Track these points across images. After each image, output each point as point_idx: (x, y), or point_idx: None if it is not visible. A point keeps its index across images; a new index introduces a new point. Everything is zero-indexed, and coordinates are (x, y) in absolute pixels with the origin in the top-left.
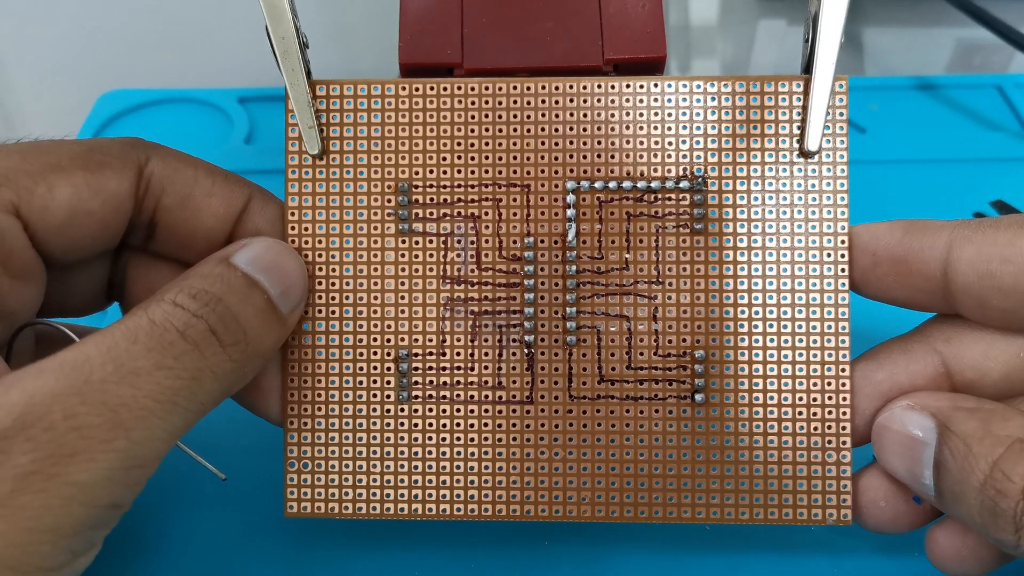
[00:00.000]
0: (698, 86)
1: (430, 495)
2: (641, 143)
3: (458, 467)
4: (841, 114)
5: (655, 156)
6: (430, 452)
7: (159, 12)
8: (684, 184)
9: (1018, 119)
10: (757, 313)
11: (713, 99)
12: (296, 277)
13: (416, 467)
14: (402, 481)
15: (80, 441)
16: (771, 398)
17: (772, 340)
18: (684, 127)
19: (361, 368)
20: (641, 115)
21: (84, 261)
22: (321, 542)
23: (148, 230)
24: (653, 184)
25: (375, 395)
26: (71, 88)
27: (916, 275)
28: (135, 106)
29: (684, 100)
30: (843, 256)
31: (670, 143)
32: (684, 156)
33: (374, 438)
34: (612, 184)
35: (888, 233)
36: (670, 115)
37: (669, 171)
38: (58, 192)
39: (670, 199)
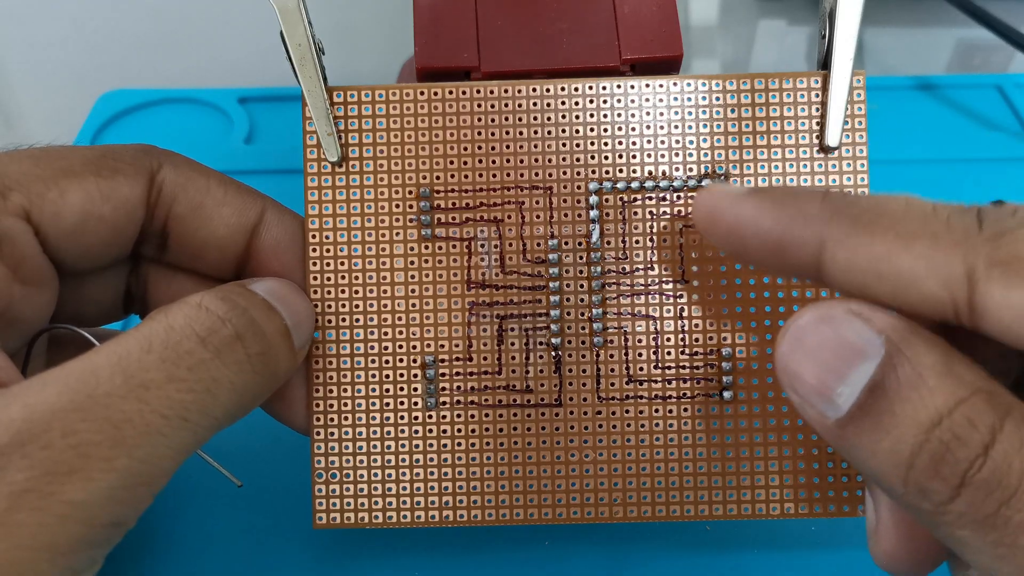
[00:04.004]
0: (716, 84)
1: (460, 501)
2: (662, 142)
3: (488, 472)
4: (859, 108)
5: (676, 155)
6: (459, 458)
7: (159, 12)
8: (707, 182)
9: (1018, 119)
10: (782, 309)
11: (732, 96)
12: (305, 314)
13: (446, 473)
14: (432, 488)
15: (78, 460)
16: None
17: None
18: (704, 125)
19: (387, 376)
20: (661, 114)
21: (98, 269)
22: (334, 546)
23: (161, 239)
24: (676, 183)
25: (402, 403)
26: (71, 88)
27: (792, 261)
28: (135, 106)
29: (704, 98)
30: None
31: (691, 142)
32: (705, 154)
33: (402, 446)
34: (635, 184)
35: (757, 217)
36: (690, 113)
37: (691, 170)
38: (70, 197)
39: (693, 198)
